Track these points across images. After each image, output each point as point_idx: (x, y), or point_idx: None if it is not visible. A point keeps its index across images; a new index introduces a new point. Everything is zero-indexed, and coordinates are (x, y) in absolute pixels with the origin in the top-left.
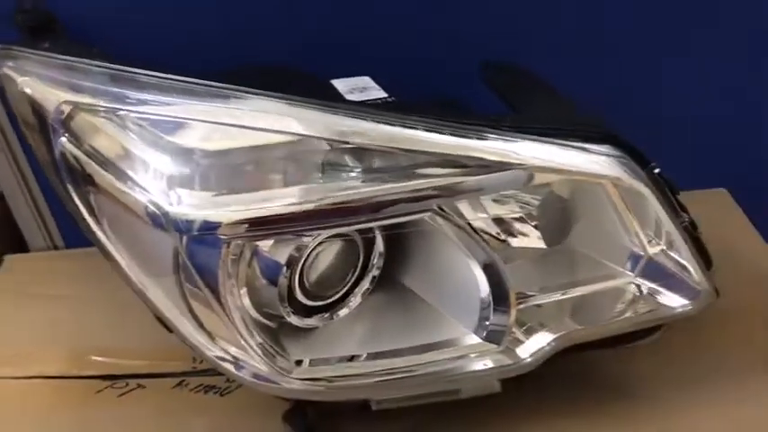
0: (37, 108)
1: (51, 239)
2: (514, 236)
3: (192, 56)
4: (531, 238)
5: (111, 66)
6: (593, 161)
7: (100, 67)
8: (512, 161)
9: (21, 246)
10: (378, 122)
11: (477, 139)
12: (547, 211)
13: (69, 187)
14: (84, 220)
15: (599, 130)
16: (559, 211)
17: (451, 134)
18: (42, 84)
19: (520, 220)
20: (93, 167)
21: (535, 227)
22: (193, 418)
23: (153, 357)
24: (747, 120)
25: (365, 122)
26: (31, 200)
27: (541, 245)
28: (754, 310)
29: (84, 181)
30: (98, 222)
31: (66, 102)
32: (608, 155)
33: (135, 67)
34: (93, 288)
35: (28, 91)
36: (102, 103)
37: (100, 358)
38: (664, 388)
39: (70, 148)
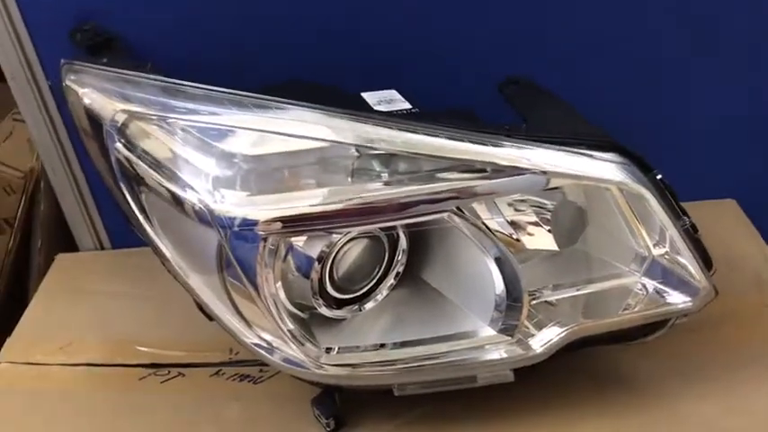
0: (95, 117)
1: (99, 240)
2: (529, 238)
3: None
4: (544, 241)
5: (163, 78)
6: (599, 167)
7: (152, 79)
8: (524, 166)
9: (71, 245)
10: (402, 130)
11: (494, 146)
12: (560, 215)
13: (123, 188)
14: (135, 217)
15: (605, 139)
16: (572, 216)
17: (470, 141)
18: (100, 95)
19: (535, 224)
20: (145, 170)
21: (549, 231)
22: (229, 403)
23: (193, 349)
24: (757, 129)
25: (391, 131)
26: (83, 204)
27: (554, 247)
28: (758, 312)
29: (137, 182)
30: (149, 220)
31: (121, 111)
32: (613, 161)
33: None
34: (137, 285)
35: (87, 101)
36: (153, 112)
37: (144, 348)
38: (670, 382)
39: (125, 152)
